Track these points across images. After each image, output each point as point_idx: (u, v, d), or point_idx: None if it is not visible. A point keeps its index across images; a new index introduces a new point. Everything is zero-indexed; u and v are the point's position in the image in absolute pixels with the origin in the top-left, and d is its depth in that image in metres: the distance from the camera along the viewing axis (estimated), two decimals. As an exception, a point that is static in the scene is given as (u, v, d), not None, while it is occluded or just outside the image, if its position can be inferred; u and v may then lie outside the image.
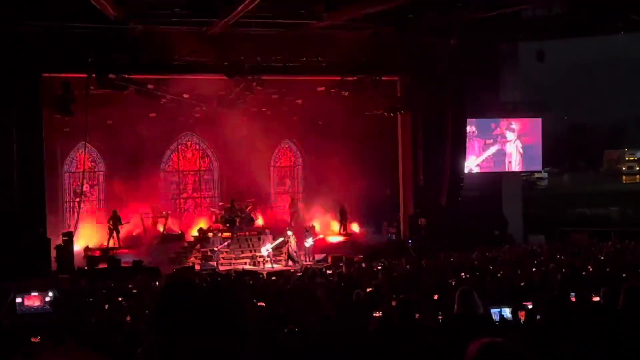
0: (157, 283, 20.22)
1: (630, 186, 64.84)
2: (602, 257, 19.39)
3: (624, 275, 14.74)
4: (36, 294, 13.27)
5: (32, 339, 9.81)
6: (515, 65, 31.69)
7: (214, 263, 26.98)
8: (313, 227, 30.04)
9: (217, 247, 27.72)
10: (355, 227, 31.57)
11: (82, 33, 24.85)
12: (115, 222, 28.23)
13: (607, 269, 16.26)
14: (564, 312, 5.60)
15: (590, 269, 16.60)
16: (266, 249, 27.73)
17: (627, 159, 78.00)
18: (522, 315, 9.47)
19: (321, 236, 29.70)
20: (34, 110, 24.93)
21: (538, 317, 5.92)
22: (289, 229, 28.27)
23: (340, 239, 31.05)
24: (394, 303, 9.62)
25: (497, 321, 9.33)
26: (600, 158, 73.96)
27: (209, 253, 27.87)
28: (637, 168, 76.79)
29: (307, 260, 28.11)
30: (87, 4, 20.27)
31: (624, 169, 75.16)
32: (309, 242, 28.55)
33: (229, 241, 28.38)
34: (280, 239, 28.58)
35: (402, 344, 7.25)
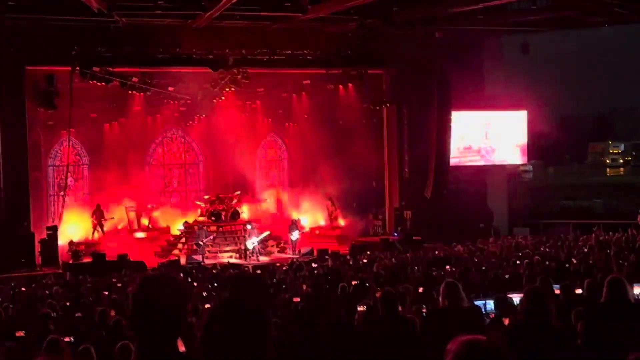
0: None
1: (614, 178, 65.29)
2: (586, 250, 19.48)
3: (607, 267, 14.82)
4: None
5: (17, 333, 9.77)
6: (500, 58, 31.74)
7: (200, 257, 26.90)
8: (298, 220, 30.00)
9: (202, 240, 27.64)
10: (341, 220, 31.58)
11: (66, 26, 24.71)
12: (99, 216, 28.10)
13: (591, 261, 16.34)
14: (544, 303, 5.61)
15: (575, 261, 16.68)
16: (252, 242, 27.69)
17: (611, 151, 78.56)
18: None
19: (307, 229, 29.70)
20: (18, 103, 24.81)
21: (520, 309, 5.93)
22: (248, 224, 28.12)
23: (326, 232, 31.05)
24: (378, 296, 9.62)
25: (482, 314, 9.35)
26: (584, 151, 74.34)
27: (195, 247, 27.79)
28: (621, 161, 77.34)
29: (294, 253, 28.12)
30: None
31: (608, 161, 75.66)
32: (294, 235, 28.55)
33: (215, 235, 28.33)
34: (267, 233, 28.57)
35: (386, 337, 7.25)
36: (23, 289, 18.58)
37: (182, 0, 22.86)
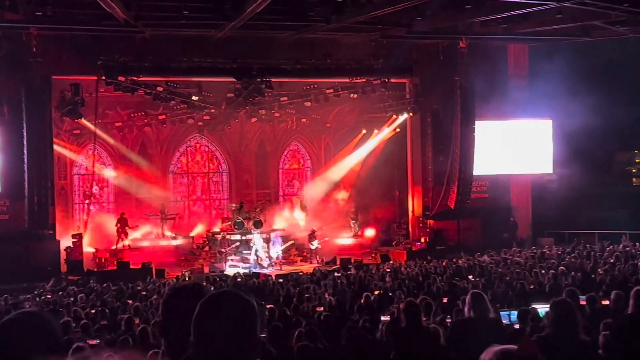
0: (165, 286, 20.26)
1: (641, 188, 64.50)
2: (612, 260, 19.27)
3: (634, 278, 14.65)
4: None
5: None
6: (525, 67, 31.55)
7: (222, 265, 27.00)
8: (319, 228, 29.97)
9: (224, 249, 27.75)
10: (365, 229, 31.51)
11: (92, 36, 24.97)
12: (123, 224, 28.28)
13: (617, 272, 16.16)
14: (572, 316, 5.55)
15: (600, 272, 16.51)
16: (276, 251, 27.74)
17: (637, 161, 77.77)
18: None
19: (327, 238, 29.65)
20: (44, 112, 25.00)
21: (546, 320, 5.86)
22: (255, 232, 28.08)
23: (349, 241, 31.02)
24: (402, 306, 9.59)
25: (506, 324, 9.29)
26: (610, 160, 73.61)
27: (218, 255, 27.89)
28: (648, 170, 76.53)
29: (317, 262, 28.16)
30: (97, 7, 20.36)
31: (634, 171, 74.87)
32: (314, 245, 28.62)
33: (238, 243, 28.40)
34: (291, 242, 28.67)
35: (410, 347, 7.22)
36: (49, 296, 18.73)
37: (206, 10, 23.01)
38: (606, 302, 9.89)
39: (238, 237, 28.46)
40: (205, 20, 23.90)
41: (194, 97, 27.80)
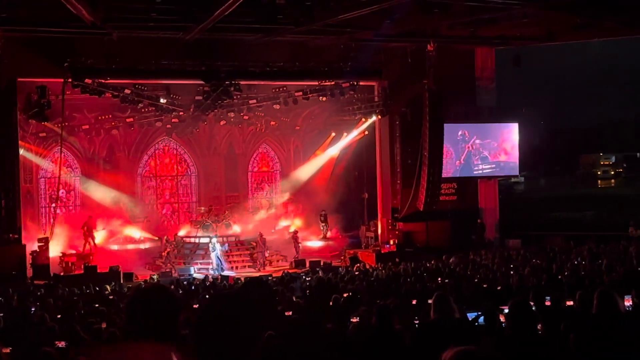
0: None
1: (606, 190, 65.52)
2: (577, 262, 19.54)
3: (598, 279, 14.86)
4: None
5: (4, 350, 9.73)
6: (492, 71, 31.85)
7: (191, 268, 26.89)
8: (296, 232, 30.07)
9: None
10: (334, 232, 31.59)
11: (59, 38, 24.71)
12: (90, 227, 28.04)
13: (583, 273, 16.39)
14: (530, 315, 5.65)
15: (566, 273, 16.73)
16: (263, 254, 27.99)
17: (602, 163, 79.09)
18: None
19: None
20: (10, 115, 24.70)
21: (505, 321, 5.96)
22: (214, 236, 28.06)
23: (318, 243, 31.07)
24: (374, 309, 9.63)
25: (473, 326, 9.37)
26: (576, 162, 74.64)
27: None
28: (612, 172, 77.74)
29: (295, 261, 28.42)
30: (63, 9, 20.15)
31: (599, 173, 76.08)
32: (300, 246, 28.94)
33: (206, 247, 28.32)
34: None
35: (378, 350, 7.26)
36: (14, 302, 18.47)
37: (174, 12, 22.89)
38: (571, 303, 10.02)
39: (206, 240, 28.38)
40: (173, 23, 23.77)
41: (162, 100, 27.65)
